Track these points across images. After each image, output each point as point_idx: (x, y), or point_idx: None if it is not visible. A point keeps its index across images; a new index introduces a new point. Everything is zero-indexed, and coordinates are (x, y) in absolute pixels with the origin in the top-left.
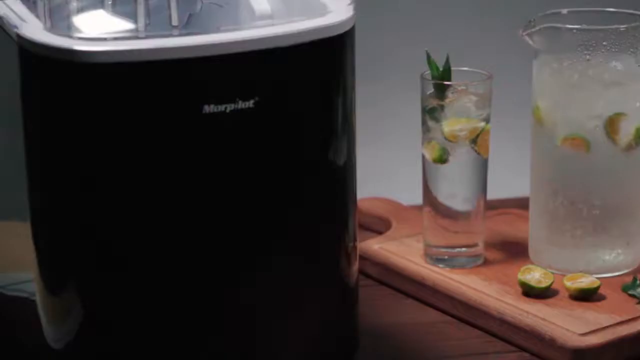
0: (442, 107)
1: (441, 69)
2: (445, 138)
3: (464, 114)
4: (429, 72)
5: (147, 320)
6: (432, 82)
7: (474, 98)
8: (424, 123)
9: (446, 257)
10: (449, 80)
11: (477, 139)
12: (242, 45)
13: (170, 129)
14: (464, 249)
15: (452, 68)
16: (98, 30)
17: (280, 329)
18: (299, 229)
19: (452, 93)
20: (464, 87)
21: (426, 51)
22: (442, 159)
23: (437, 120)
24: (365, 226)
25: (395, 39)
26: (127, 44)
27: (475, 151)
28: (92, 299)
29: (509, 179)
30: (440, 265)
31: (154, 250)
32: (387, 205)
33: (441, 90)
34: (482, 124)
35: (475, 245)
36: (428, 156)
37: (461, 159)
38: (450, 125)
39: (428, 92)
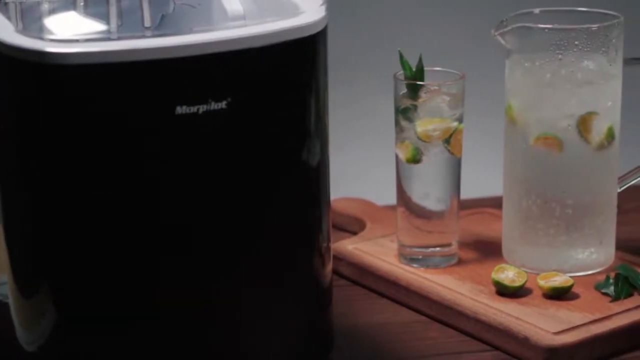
0: (415, 107)
1: (414, 69)
2: (419, 138)
3: (437, 114)
4: (402, 72)
5: (120, 322)
6: (405, 82)
7: (447, 98)
8: (397, 123)
9: (420, 257)
10: (422, 80)
11: (450, 139)
12: (214, 46)
13: (143, 130)
14: (437, 249)
15: (425, 68)
16: (70, 32)
17: (254, 330)
18: (272, 230)
19: (425, 93)
20: (437, 87)
21: (399, 51)
22: (415, 159)
23: (410, 120)
24: (339, 226)
25: (369, 39)
26: (99, 45)
27: (449, 151)
28: (65, 302)
29: (483, 178)
30: (415, 265)
31: (127, 250)
32: (361, 205)
33: (414, 91)
34: (455, 123)
35: (449, 244)
36: (401, 156)
37: (434, 158)
38: (424, 125)
39: (401, 93)
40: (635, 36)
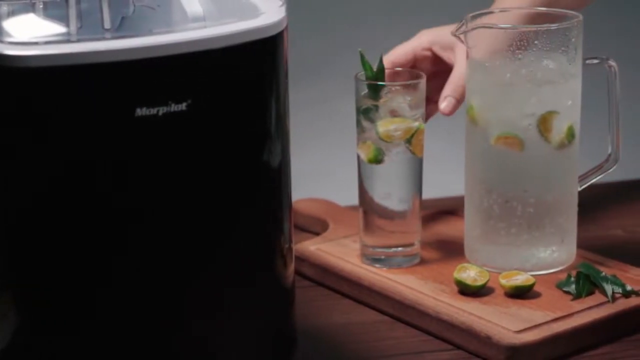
0: (376, 107)
1: (375, 69)
2: (380, 138)
3: (398, 114)
4: (363, 73)
5: (83, 324)
6: (366, 82)
7: (408, 98)
8: (358, 123)
9: (383, 257)
10: (383, 80)
11: (411, 139)
12: (174, 48)
13: (103, 132)
14: (400, 249)
15: (386, 68)
16: (29, 35)
17: (217, 331)
18: (234, 231)
19: (386, 93)
20: (398, 88)
21: (360, 52)
22: (377, 159)
23: (371, 120)
24: (302, 227)
25: (330, 40)
26: (59, 47)
27: (410, 151)
28: (27, 306)
29: (444, 178)
30: (377, 265)
31: (87, 253)
32: (323, 206)
33: (375, 91)
34: (417, 123)
35: (411, 244)
36: (363, 156)
37: (396, 159)
38: (385, 125)
39: (362, 93)
40: (595, 35)
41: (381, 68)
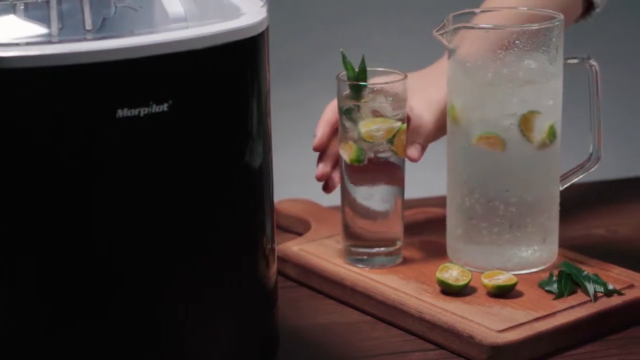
0: (358, 107)
1: (357, 70)
2: (362, 138)
3: (380, 114)
4: (344, 73)
5: (57, 327)
6: (348, 83)
7: (389, 98)
8: (341, 124)
9: (365, 257)
10: (365, 80)
11: (393, 139)
12: (155, 49)
13: (84, 133)
14: (382, 249)
15: (368, 69)
16: (10, 36)
17: (199, 332)
18: (216, 232)
19: (368, 94)
20: (379, 88)
21: (341, 52)
22: (359, 160)
23: (353, 120)
24: (284, 228)
25: (312, 40)
26: (40, 48)
27: (392, 151)
28: (7, 305)
29: (427, 178)
30: (360, 266)
31: (68, 254)
32: (306, 206)
33: (357, 91)
34: (399, 123)
35: (393, 244)
36: (345, 157)
37: (378, 159)
38: (367, 125)
39: (344, 93)
40: (576, 35)
41: (363, 68)
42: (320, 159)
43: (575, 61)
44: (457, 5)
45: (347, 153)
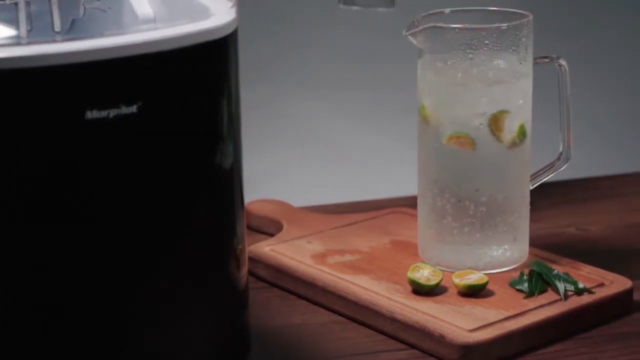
0: None
1: None
2: None
3: None
4: None
5: (33, 322)
6: None
7: None
8: None
9: None
10: None
11: None
12: (124, 50)
13: (53, 135)
14: None
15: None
16: None
17: (169, 333)
18: (186, 233)
19: None
20: None
21: None
22: None
23: None
24: (255, 228)
25: (282, 40)
26: (9, 50)
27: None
28: None
29: (398, 178)
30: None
31: (35, 257)
32: (277, 206)
33: None
34: None
35: None
36: None
37: None
38: None
39: None
40: (545, 35)
41: None
42: None
43: (545, 61)
44: (427, 6)
45: None
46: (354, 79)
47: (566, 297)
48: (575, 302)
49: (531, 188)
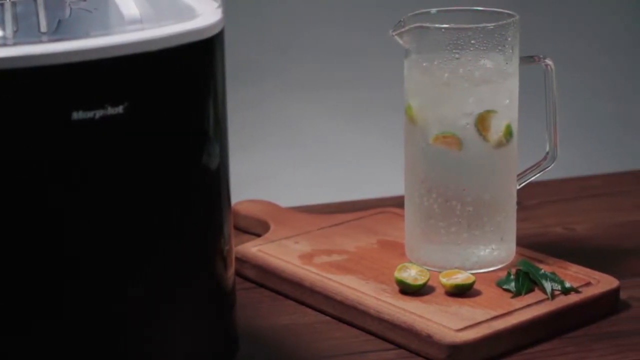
0: None
1: None
2: None
3: None
4: None
5: (18, 325)
6: None
7: None
8: None
9: None
10: None
11: None
12: (111, 51)
13: (39, 136)
14: None
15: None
16: None
17: (156, 334)
18: (173, 234)
19: None
20: None
21: None
22: None
23: None
24: (243, 229)
25: (268, 41)
26: None
27: None
28: None
29: (385, 177)
30: None
31: (22, 258)
32: (265, 207)
33: None
34: None
35: None
36: None
37: None
38: None
39: None
40: (532, 34)
41: None
42: None
43: (531, 61)
44: (413, 5)
45: None
46: (340, 80)
47: (553, 296)
48: (562, 301)
49: (518, 188)
